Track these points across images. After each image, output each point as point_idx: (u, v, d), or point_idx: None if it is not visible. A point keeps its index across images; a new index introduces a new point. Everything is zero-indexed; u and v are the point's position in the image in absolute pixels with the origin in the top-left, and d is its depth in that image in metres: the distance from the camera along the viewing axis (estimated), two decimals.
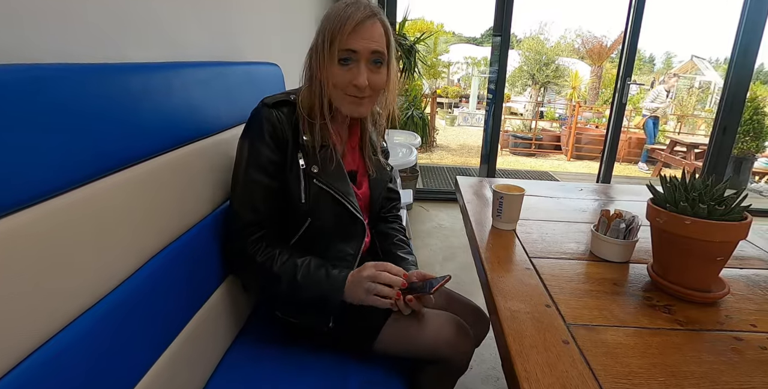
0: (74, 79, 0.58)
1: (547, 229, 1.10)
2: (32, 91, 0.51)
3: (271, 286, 0.91)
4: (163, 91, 0.78)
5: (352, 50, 0.87)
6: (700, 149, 6.18)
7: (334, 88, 0.91)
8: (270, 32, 1.61)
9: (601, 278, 0.85)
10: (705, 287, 0.79)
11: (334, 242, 0.99)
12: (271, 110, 0.90)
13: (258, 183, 0.90)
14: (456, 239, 2.89)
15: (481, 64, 14.14)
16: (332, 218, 0.96)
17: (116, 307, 0.62)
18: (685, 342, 0.67)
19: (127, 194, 0.66)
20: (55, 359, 0.52)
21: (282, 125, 0.90)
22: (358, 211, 0.98)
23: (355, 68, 0.89)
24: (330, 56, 0.88)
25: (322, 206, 0.94)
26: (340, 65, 0.88)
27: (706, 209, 0.72)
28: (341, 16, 0.86)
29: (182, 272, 0.81)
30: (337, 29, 0.86)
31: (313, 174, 0.92)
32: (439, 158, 7.11)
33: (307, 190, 0.92)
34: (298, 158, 0.91)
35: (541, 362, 0.60)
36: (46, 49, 0.62)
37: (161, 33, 0.92)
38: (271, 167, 0.91)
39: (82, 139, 0.58)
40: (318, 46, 0.89)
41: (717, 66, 15.99)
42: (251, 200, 0.90)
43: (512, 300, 0.75)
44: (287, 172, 0.92)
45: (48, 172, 0.52)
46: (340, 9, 0.87)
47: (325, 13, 0.90)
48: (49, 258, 0.52)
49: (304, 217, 0.94)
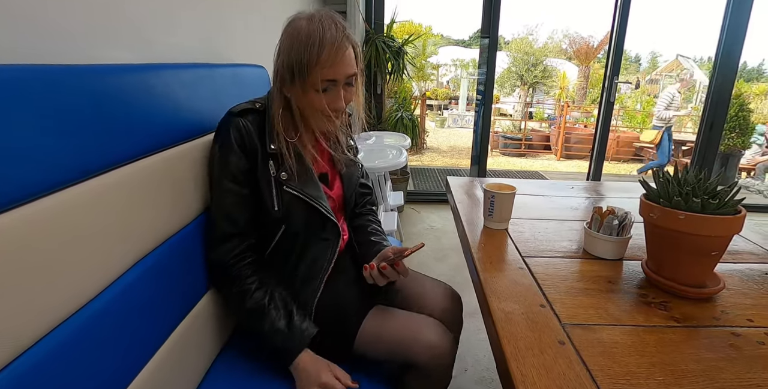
0: (48, 81, 0.56)
1: (539, 228, 1.08)
2: (5, 92, 0.49)
3: (236, 308, 0.93)
4: (144, 93, 0.76)
5: (331, 80, 0.86)
6: (688, 146, 6.25)
7: (310, 109, 0.90)
8: (256, 34, 1.59)
9: (596, 276, 0.84)
10: (700, 282, 0.78)
11: (308, 247, 0.97)
12: (237, 118, 0.89)
13: (230, 191, 0.89)
14: (447, 240, 2.87)
15: (470, 66, 14.21)
16: (305, 223, 0.95)
17: (97, 316, 0.60)
18: (683, 340, 0.65)
19: (108, 199, 0.63)
20: (33, 370, 0.49)
21: (249, 133, 0.89)
22: (331, 214, 0.96)
23: (332, 93, 0.88)
24: (306, 85, 0.86)
25: (294, 213, 0.93)
26: (316, 92, 0.86)
27: (700, 203, 0.71)
28: (314, 45, 0.82)
29: (165, 281, 0.78)
30: (314, 61, 0.82)
31: (283, 181, 0.91)
32: (430, 159, 7.12)
33: (279, 197, 0.91)
34: (268, 165, 0.90)
35: (537, 364, 0.58)
36: (16, 50, 0.59)
37: (144, 35, 0.90)
38: (240, 176, 0.89)
39: (56, 142, 0.55)
40: (289, 72, 0.85)
41: (702, 64, 16.21)
42: (227, 210, 0.90)
43: (506, 300, 0.74)
44: (258, 179, 0.91)
45: (19, 177, 0.50)
46: (310, 33, 0.82)
47: (290, 30, 0.85)
48: (24, 265, 0.49)
49: (278, 224, 0.93)
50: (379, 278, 0.94)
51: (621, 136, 7.80)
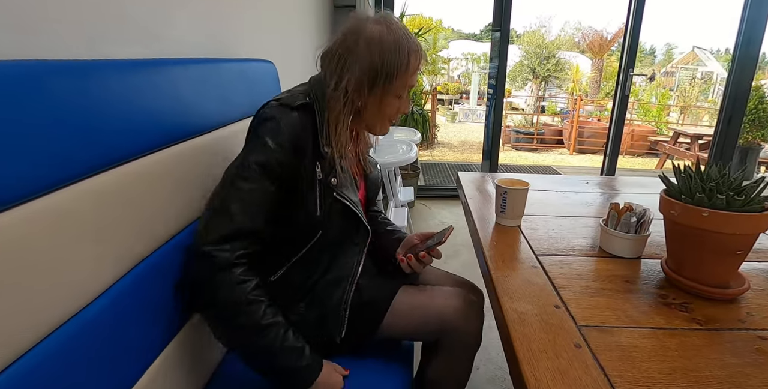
0: (51, 76, 0.54)
1: (553, 224, 1.05)
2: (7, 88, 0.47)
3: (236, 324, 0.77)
4: (149, 89, 0.74)
5: (412, 86, 0.91)
6: (704, 140, 6.12)
7: (382, 115, 0.91)
8: (264, 29, 1.57)
9: (612, 275, 0.81)
10: (723, 282, 0.74)
11: (340, 251, 0.94)
12: (295, 112, 0.83)
13: (260, 185, 0.80)
14: (459, 236, 2.83)
15: (481, 60, 14.08)
16: (342, 228, 0.92)
17: (103, 313, 0.58)
18: (705, 343, 0.62)
19: (113, 196, 0.61)
20: (36, 368, 0.48)
21: (305, 132, 0.84)
22: (365, 219, 0.95)
23: (405, 99, 0.92)
24: (389, 91, 0.87)
25: (334, 218, 0.90)
26: (396, 98, 0.90)
27: (725, 200, 0.68)
28: (404, 52, 0.85)
29: (171, 279, 0.77)
30: (403, 67, 0.85)
31: (333, 187, 0.87)
32: (441, 154, 7.07)
33: (323, 201, 0.87)
34: (315, 167, 0.85)
35: (551, 368, 0.55)
36: (20, 45, 0.58)
37: (149, 29, 0.88)
38: (279, 172, 0.81)
39: (55, 139, 0.53)
40: (371, 78, 0.84)
41: (718, 56, 15.87)
42: (252, 203, 0.80)
43: (519, 300, 0.71)
44: (298, 180, 0.85)
45: (20, 174, 0.48)
46: (398, 40, 0.84)
47: (366, 35, 0.84)
48: (24, 263, 0.48)
49: (314, 229, 0.89)
50: (417, 267, 0.97)
51: (635, 130, 7.67)
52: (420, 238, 1.02)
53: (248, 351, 0.79)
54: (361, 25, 0.85)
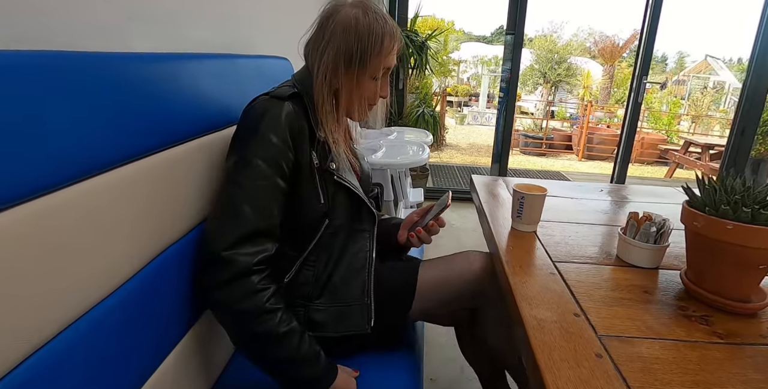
0: (68, 68, 0.53)
1: (569, 231, 1.05)
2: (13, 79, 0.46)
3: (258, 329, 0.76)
4: (169, 83, 0.74)
5: (387, 68, 0.91)
6: (715, 150, 6.07)
7: (360, 98, 0.91)
8: (281, 26, 1.57)
9: (631, 284, 0.80)
10: (744, 297, 0.73)
11: (351, 240, 0.95)
12: (285, 103, 0.83)
13: (270, 182, 0.79)
14: (468, 238, 2.83)
15: (491, 63, 14.03)
16: (347, 215, 0.93)
17: (114, 311, 0.58)
18: (727, 357, 0.61)
19: (126, 192, 0.61)
20: (53, 365, 0.48)
21: (299, 119, 0.84)
22: (368, 201, 0.97)
23: (382, 82, 0.92)
24: (366, 72, 0.88)
25: (338, 205, 0.91)
26: (372, 80, 0.90)
27: (750, 213, 0.67)
28: (377, 34, 0.86)
29: (183, 276, 0.77)
30: (377, 49, 0.86)
31: (332, 170, 0.88)
32: (449, 157, 7.06)
33: (324, 189, 0.88)
34: (311, 155, 0.86)
35: (573, 378, 0.55)
36: (47, 39, 0.58)
37: (168, 23, 0.88)
38: (284, 166, 0.81)
39: (70, 134, 0.52)
40: (346, 59, 0.86)
41: (731, 66, 15.75)
42: (263, 202, 0.79)
43: (538, 307, 0.71)
44: (301, 172, 0.85)
45: (33, 169, 0.47)
46: (371, 23, 0.85)
47: (342, 19, 0.85)
48: (33, 261, 0.47)
49: (321, 219, 0.89)
50: (426, 238, 1.01)
51: (645, 137, 7.62)
52: (419, 214, 1.07)
53: (265, 360, 0.79)
54: (337, 9, 0.87)
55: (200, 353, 0.83)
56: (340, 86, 0.88)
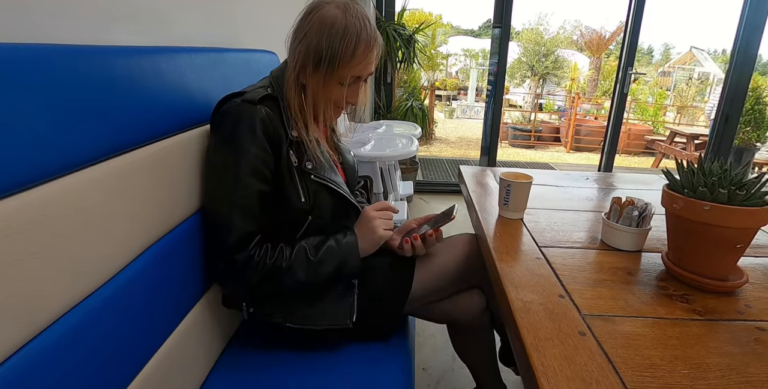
0: (53, 61, 0.53)
1: (555, 218, 1.07)
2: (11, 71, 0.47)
3: (288, 281, 0.85)
4: (153, 77, 0.74)
5: (358, 76, 0.89)
6: (700, 140, 6.16)
7: (326, 100, 0.90)
8: (269, 19, 1.57)
9: (614, 267, 0.82)
10: (722, 275, 0.76)
11: None
12: (258, 107, 0.83)
13: (251, 188, 0.82)
14: (456, 230, 2.85)
15: (479, 57, 14.03)
16: (331, 212, 0.93)
17: (94, 312, 0.57)
18: (705, 333, 0.64)
19: (110, 188, 0.61)
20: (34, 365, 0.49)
21: (273, 122, 0.84)
22: (353, 199, 0.97)
23: (352, 88, 0.90)
24: (332, 77, 0.86)
25: (321, 203, 0.91)
26: (339, 85, 0.88)
27: (726, 195, 0.69)
28: (351, 40, 0.82)
29: (165, 276, 0.76)
30: (348, 56, 0.83)
31: (308, 170, 0.89)
32: (438, 150, 7.07)
33: (305, 188, 0.89)
34: (289, 155, 0.87)
35: (557, 355, 0.57)
36: (30, 32, 0.58)
37: (153, 16, 0.88)
38: (266, 171, 0.84)
39: (54, 127, 0.52)
40: (315, 60, 0.84)
41: (716, 57, 15.93)
42: (247, 207, 0.82)
43: (524, 290, 0.72)
44: (281, 172, 0.86)
45: (17, 163, 0.47)
46: (347, 27, 0.82)
47: (320, 17, 0.83)
48: (22, 254, 0.48)
49: (304, 216, 0.90)
50: (421, 248, 0.98)
51: (632, 129, 7.69)
52: (418, 222, 1.05)
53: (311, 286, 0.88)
54: (319, 8, 0.85)
55: (193, 341, 0.84)
56: (306, 83, 0.87)
